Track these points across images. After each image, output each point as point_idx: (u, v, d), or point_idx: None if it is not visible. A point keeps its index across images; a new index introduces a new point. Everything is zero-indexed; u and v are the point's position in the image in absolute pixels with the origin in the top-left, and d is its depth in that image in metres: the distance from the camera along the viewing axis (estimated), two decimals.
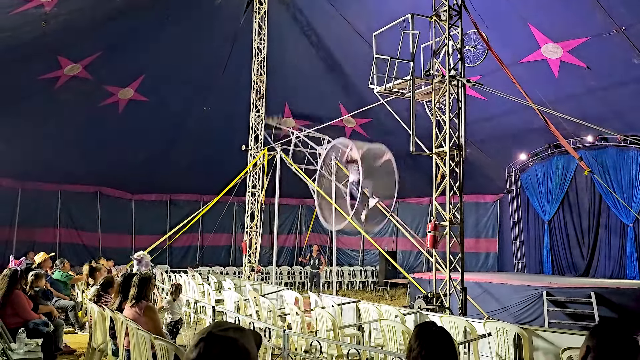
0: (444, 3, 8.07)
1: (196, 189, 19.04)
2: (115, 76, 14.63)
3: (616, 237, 13.49)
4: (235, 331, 1.43)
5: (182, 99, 16.01)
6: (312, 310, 7.10)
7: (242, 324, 6.76)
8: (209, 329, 1.44)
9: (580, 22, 10.34)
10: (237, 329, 1.46)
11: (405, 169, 17.17)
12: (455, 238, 7.88)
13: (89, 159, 16.09)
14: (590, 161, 13.45)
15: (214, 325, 1.46)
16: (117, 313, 5.34)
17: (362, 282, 19.32)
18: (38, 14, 11.11)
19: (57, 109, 14.46)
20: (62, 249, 16.39)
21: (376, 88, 8.90)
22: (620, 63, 10.67)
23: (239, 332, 1.44)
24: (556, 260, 14.91)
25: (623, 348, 1.92)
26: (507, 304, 10.72)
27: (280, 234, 18.50)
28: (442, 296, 7.82)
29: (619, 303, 9.78)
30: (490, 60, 8.98)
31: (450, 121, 7.95)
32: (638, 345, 1.93)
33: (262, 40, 15.10)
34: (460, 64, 8.09)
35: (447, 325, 5.99)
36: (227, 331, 1.42)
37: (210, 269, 17.82)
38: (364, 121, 16.95)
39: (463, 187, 8.07)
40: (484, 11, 10.57)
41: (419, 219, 19.01)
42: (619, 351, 1.92)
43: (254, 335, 1.51)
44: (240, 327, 1.49)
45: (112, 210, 18.13)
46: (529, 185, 15.74)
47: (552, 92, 12.20)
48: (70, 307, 9.03)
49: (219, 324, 1.46)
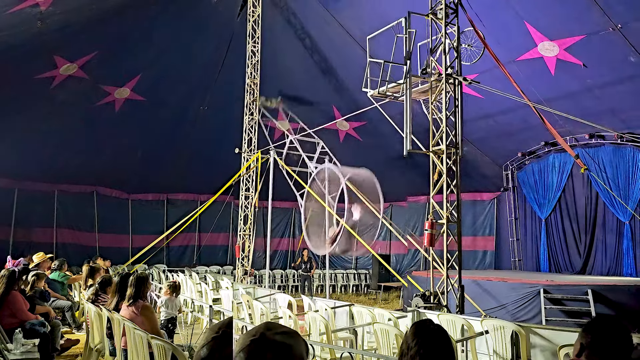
0: (441, 1, 8.07)
1: (193, 189, 19.01)
2: (112, 75, 14.59)
3: (612, 235, 13.52)
4: (289, 337, 1.33)
5: (179, 98, 15.99)
6: (305, 314, 7.09)
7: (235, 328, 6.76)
8: (261, 330, 1.33)
9: (576, 20, 10.35)
10: (290, 333, 1.36)
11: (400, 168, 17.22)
12: (453, 236, 7.89)
13: (86, 159, 16.05)
14: (586, 159, 13.47)
15: (265, 327, 1.36)
16: (114, 313, 5.34)
17: (356, 285, 19.28)
18: (33, 14, 11.07)
19: (53, 109, 14.41)
20: (59, 249, 16.36)
21: (369, 92, 8.90)
22: (617, 61, 10.68)
23: (293, 339, 1.34)
24: (553, 258, 14.95)
25: (617, 344, 1.93)
26: (505, 301, 10.74)
27: (274, 237, 18.51)
28: (440, 294, 7.83)
29: (616, 300, 9.81)
30: (487, 59, 8.99)
31: (447, 119, 7.95)
32: (632, 342, 1.94)
33: (255, 44, 15.07)
34: (457, 62, 8.09)
35: (444, 323, 6.00)
36: (282, 336, 1.32)
37: (208, 268, 17.81)
38: (357, 124, 16.95)
39: (460, 185, 8.08)
40: (480, 9, 10.58)
41: (417, 217, 19.03)
42: (612, 348, 1.92)
43: (305, 343, 1.40)
44: (292, 332, 1.38)
45: (109, 210, 18.09)
46: (525, 183, 15.77)
47: (548, 90, 12.21)
48: (67, 307, 9.01)
49: (271, 327, 1.35)
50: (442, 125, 7.97)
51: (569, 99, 12.19)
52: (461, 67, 8.19)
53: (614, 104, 11.90)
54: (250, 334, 1.32)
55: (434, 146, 8.14)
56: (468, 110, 10.20)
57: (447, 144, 7.92)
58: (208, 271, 16.67)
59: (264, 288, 12.28)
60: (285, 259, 20.75)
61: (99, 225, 17.83)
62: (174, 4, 13.81)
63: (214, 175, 16.06)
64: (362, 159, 17.75)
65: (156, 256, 16.27)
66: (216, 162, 16.57)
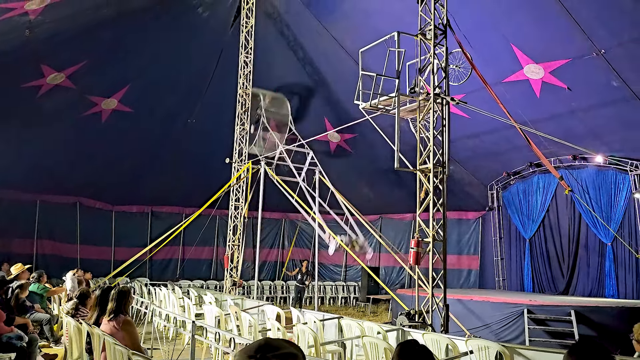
0: (430, 22, 8.18)
1: (179, 201, 18.88)
2: (99, 86, 14.49)
3: (595, 256, 13.66)
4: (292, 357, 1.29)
5: (167, 109, 15.93)
6: (294, 326, 7.03)
7: (223, 339, 6.66)
8: (261, 351, 1.28)
9: (561, 44, 10.56)
10: (291, 355, 1.31)
11: (389, 184, 17.32)
12: (438, 254, 7.90)
13: (70, 169, 15.83)
14: (570, 180, 13.66)
15: (265, 346, 1.31)
16: (94, 327, 5.23)
17: (345, 297, 19.26)
18: (22, 22, 11.00)
19: (38, 118, 14.23)
20: (39, 260, 16.06)
21: (361, 104, 8.96)
22: (600, 85, 10.90)
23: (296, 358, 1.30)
24: (537, 278, 15.04)
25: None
26: (489, 321, 10.75)
27: (263, 248, 18.39)
28: (425, 313, 7.81)
29: (599, 322, 9.88)
30: (474, 79, 9.11)
31: (435, 138, 8.02)
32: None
33: (248, 54, 15.14)
34: (444, 82, 8.19)
35: (429, 342, 5.97)
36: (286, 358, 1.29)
37: (191, 282, 17.60)
38: (348, 136, 17.05)
39: (446, 204, 8.12)
40: (468, 31, 10.76)
41: (402, 234, 19.07)
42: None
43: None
44: (293, 354, 1.33)
45: (92, 222, 17.82)
46: (510, 203, 15.91)
47: (533, 112, 12.40)
48: (45, 320, 8.81)
49: (273, 345, 1.30)
50: (430, 144, 8.03)
51: (553, 121, 12.40)
52: (449, 87, 8.29)
53: (597, 127, 12.12)
54: (248, 353, 1.29)
55: (421, 164, 8.19)
56: (455, 129, 10.32)
57: (434, 162, 7.98)
58: (191, 285, 16.47)
59: (253, 299, 12.16)
60: (274, 269, 20.60)
61: (81, 236, 17.53)
62: (165, 14, 13.82)
63: (200, 188, 15.96)
64: (352, 171, 17.91)
65: (139, 269, 16.03)
66: (203, 175, 16.48)
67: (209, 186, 14.98)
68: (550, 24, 10.30)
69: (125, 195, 18.06)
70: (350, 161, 17.93)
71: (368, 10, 12.82)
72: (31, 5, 10.56)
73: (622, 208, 12.97)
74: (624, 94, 10.67)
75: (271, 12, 15.12)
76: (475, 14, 10.88)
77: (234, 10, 15.03)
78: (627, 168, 12.68)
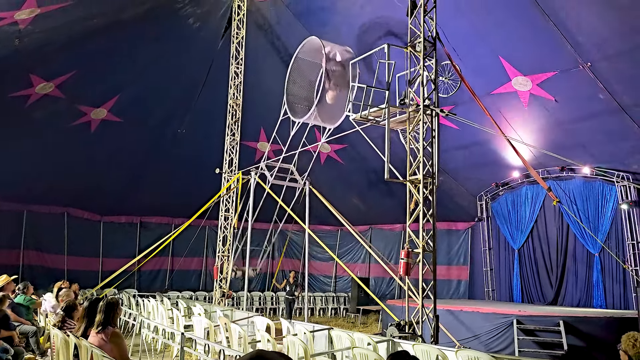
0: (419, 35, 8.28)
1: (168, 212, 18.77)
2: (89, 96, 14.44)
3: (583, 266, 13.76)
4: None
5: (157, 120, 15.91)
6: (284, 337, 6.99)
7: (212, 351, 6.61)
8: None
9: (548, 57, 10.72)
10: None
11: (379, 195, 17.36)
12: (428, 265, 7.93)
13: (58, 179, 15.69)
14: (558, 191, 13.78)
15: (257, 358, 1.32)
16: (82, 339, 5.16)
17: (334, 308, 19.19)
18: (11, 32, 10.96)
19: (26, 128, 14.14)
20: (25, 271, 15.84)
21: (352, 115, 9.01)
22: (587, 97, 11.06)
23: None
24: (526, 289, 15.11)
25: None
26: (478, 332, 10.78)
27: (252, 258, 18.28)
28: (415, 324, 7.81)
29: (587, 332, 9.94)
30: (463, 91, 9.22)
31: (424, 149, 8.08)
32: None
33: (239, 65, 15.18)
34: (434, 94, 8.27)
35: (419, 353, 5.97)
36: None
37: (180, 293, 17.46)
38: (338, 147, 17.10)
39: (436, 215, 8.16)
40: (457, 44, 10.90)
41: (392, 245, 19.09)
42: None
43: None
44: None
45: (80, 232, 17.63)
46: (499, 214, 16.01)
47: (522, 123, 12.56)
48: (32, 332, 8.68)
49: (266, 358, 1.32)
50: (419, 155, 8.08)
51: (541, 133, 12.55)
52: (438, 99, 8.37)
53: (584, 138, 12.27)
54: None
55: (411, 175, 8.24)
56: (444, 140, 10.41)
57: (423, 173, 8.03)
58: (180, 296, 16.33)
59: (242, 310, 12.09)
60: (263, 281, 20.47)
61: (68, 247, 17.33)
62: (155, 25, 13.84)
63: (189, 198, 15.88)
64: (342, 181, 17.94)
65: (127, 280, 15.90)
66: (192, 186, 16.41)
67: (198, 196, 14.91)
68: (538, 37, 10.46)
69: (114, 205, 17.93)
70: (340, 172, 17.96)
71: (358, 22, 12.93)
72: (21, 15, 10.53)
73: (609, 219, 13.10)
74: (611, 106, 10.83)
75: (262, 23, 15.20)
76: (464, 26, 11.03)
77: (224, 21, 15.11)
78: (614, 179, 12.83)
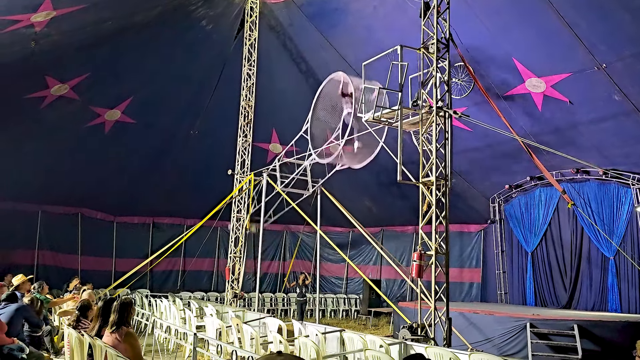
0: (432, 36, 8.25)
1: (180, 213, 18.87)
2: (103, 97, 14.58)
3: (597, 270, 13.60)
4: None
5: (170, 121, 16.01)
6: (296, 339, 7.00)
7: (224, 352, 6.63)
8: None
9: (563, 59, 10.62)
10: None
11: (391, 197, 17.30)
12: (441, 268, 7.88)
13: (72, 180, 15.87)
14: (572, 193, 13.65)
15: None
16: (96, 339, 5.21)
17: (346, 310, 19.17)
18: (28, 34, 11.10)
19: (41, 129, 14.31)
20: (40, 271, 16.01)
21: (364, 116, 9.00)
22: (602, 99, 10.94)
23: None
24: (539, 292, 14.96)
25: None
26: (491, 335, 10.68)
27: (264, 260, 18.35)
28: (427, 326, 7.77)
29: (602, 336, 9.80)
30: (476, 93, 9.17)
31: (437, 151, 8.04)
32: None
33: (251, 66, 15.24)
34: (447, 95, 8.23)
35: (432, 356, 5.95)
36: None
37: (192, 294, 17.55)
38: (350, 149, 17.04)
39: (448, 217, 8.11)
40: (470, 45, 10.83)
41: (404, 247, 19.01)
42: None
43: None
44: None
45: (93, 233, 17.80)
46: (512, 217, 15.88)
47: (535, 125, 12.45)
48: (46, 331, 8.76)
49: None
50: (432, 157, 8.05)
51: (555, 135, 12.42)
52: (451, 100, 8.33)
53: (599, 140, 12.14)
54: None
55: (424, 177, 8.20)
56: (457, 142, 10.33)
57: (436, 175, 7.99)
58: (192, 297, 16.41)
59: (254, 311, 12.12)
60: (275, 281, 20.52)
61: (82, 247, 17.51)
62: (169, 28, 13.94)
63: (201, 199, 15.97)
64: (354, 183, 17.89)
65: (139, 281, 16.01)
66: (204, 187, 16.50)
67: (210, 198, 15.00)
68: (552, 38, 10.37)
69: (126, 206, 18.07)
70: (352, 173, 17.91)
71: (371, 24, 12.92)
72: (37, 17, 10.66)
73: (624, 222, 12.93)
74: (626, 108, 10.71)
75: (274, 25, 15.24)
76: (477, 28, 10.96)
77: (237, 23, 15.17)
78: (629, 182, 12.67)
